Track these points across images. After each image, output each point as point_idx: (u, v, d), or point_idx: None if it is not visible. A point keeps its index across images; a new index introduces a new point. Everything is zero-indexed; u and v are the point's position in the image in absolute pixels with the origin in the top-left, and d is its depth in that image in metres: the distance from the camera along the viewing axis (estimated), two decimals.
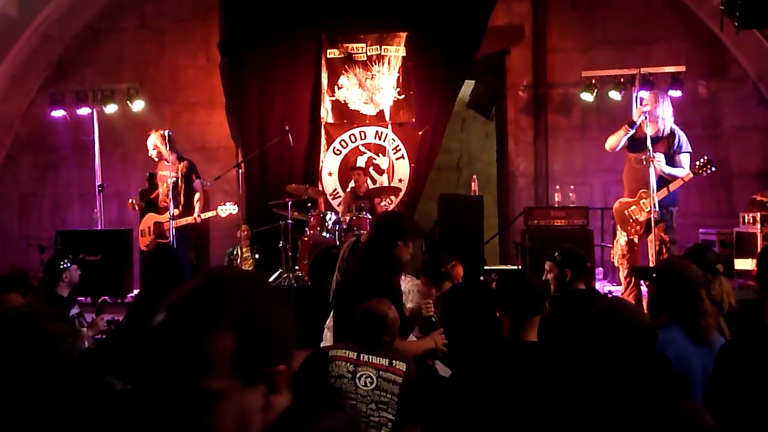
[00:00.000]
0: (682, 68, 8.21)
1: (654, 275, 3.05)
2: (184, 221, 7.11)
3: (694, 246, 4.07)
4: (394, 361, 3.00)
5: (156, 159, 7.34)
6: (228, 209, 7.31)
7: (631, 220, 6.54)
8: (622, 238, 6.71)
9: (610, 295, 7.33)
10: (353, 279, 3.63)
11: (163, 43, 9.47)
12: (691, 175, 6.31)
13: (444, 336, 3.61)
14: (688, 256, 3.79)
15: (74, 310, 5.19)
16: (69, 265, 5.02)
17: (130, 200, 7.56)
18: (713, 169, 6.26)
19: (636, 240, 6.64)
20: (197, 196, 7.25)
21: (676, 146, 6.40)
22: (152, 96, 9.10)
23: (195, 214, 7.16)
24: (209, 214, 7.34)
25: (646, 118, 6.25)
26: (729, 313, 3.40)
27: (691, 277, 2.90)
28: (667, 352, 2.61)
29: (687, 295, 2.82)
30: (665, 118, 6.37)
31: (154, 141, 7.24)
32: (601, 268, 8.30)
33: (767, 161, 8.89)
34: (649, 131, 6.26)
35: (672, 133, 6.43)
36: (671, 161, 6.36)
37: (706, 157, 6.27)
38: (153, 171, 7.84)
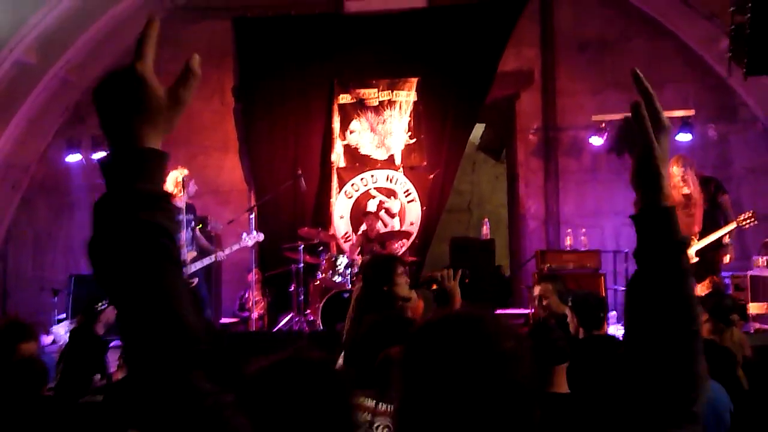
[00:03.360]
0: (692, 112, 8.27)
1: None
2: (207, 260, 7.10)
3: (712, 291, 4.06)
4: None
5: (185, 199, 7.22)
6: (253, 238, 7.28)
7: None
8: None
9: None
10: (364, 324, 3.64)
11: None
12: (735, 225, 6.49)
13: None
14: (705, 301, 3.78)
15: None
16: (106, 306, 5.14)
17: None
18: (755, 222, 6.43)
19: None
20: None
21: (714, 189, 6.85)
22: (167, 139, 9.04)
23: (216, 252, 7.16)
24: (235, 247, 7.31)
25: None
26: (745, 362, 3.37)
27: None
28: None
29: None
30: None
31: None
32: (614, 312, 8.23)
33: None
34: (684, 191, 6.88)
35: (707, 179, 6.72)
36: (715, 204, 6.79)
37: (751, 211, 6.45)
38: None
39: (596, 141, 8.46)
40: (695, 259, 6.74)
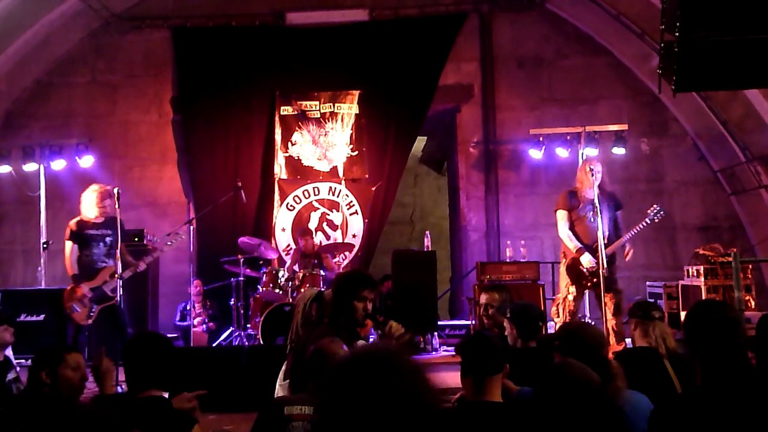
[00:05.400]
0: (625, 126, 8.52)
1: (557, 343, 3.02)
2: (127, 273, 6.50)
3: (642, 302, 4.19)
4: None
5: (103, 214, 6.64)
6: (174, 239, 6.95)
7: (587, 274, 6.52)
8: (570, 294, 6.64)
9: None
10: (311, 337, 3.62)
11: (115, 99, 9.41)
12: (648, 221, 6.49)
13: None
14: (637, 311, 3.91)
15: (10, 375, 4.93)
16: None
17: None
18: (663, 213, 6.51)
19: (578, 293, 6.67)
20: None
21: (615, 203, 6.69)
22: (102, 151, 8.98)
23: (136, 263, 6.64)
24: (156, 254, 6.92)
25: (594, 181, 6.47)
26: (673, 355, 3.48)
27: (591, 340, 2.88)
28: None
29: (590, 360, 2.67)
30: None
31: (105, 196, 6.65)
32: (553, 322, 8.39)
33: (708, 215, 9.21)
34: (590, 194, 6.46)
35: (611, 193, 6.72)
36: (614, 216, 6.65)
37: (655, 205, 6.55)
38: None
39: (535, 154, 8.63)
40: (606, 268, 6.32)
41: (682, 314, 7.49)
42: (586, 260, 6.46)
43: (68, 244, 6.59)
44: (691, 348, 2.41)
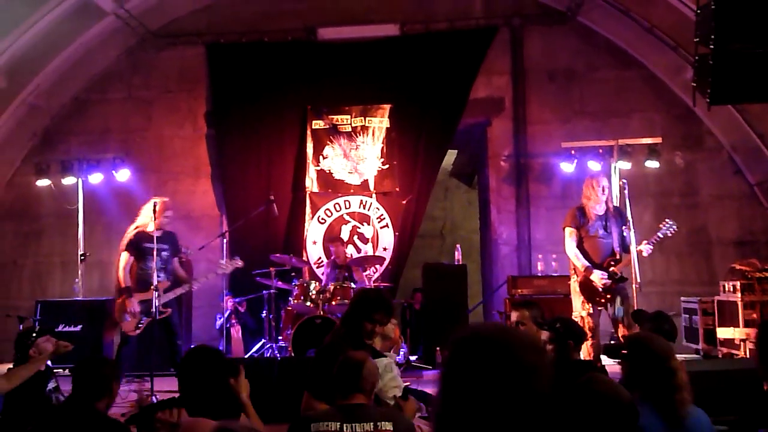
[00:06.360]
0: (659, 140, 8.42)
1: (624, 352, 2.99)
2: (180, 290, 6.56)
3: (655, 313, 4.04)
4: (379, 423, 2.89)
5: (161, 227, 6.57)
6: (231, 264, 6.84)
7: (600, 290, 6.30)
8: (585, 311, 6.34)
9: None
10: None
11: (150, 114, 9.60)
12: (662, 235, 6.35)
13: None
14: (648, 322, 3.80)
15: (51, 384, 5.06)
16: (35, 337, 4.88)
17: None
18: (675, 228, 6.36)
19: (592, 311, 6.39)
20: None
21: (623, 221, 6.46)
22: (138, 166, 9.16)
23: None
24: (211, 276, 6.85)
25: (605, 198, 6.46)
26: None
27: (659, 351, 2.84)
28: None
29: (657, 370, 2.72)
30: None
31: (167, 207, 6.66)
32: None
33: (744, 229, 9.04)
34: (599, 210, 6.42)
35: (617, 209, 6.56)
36: (621, 232, 6.43)
37: (666, 219, 6.41)
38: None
39: (566, 167, 8.56)
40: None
41: (718, 331, 7.35)
42: (597, 277, 6.29)
43: (124, 255, 6.50)
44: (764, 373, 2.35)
